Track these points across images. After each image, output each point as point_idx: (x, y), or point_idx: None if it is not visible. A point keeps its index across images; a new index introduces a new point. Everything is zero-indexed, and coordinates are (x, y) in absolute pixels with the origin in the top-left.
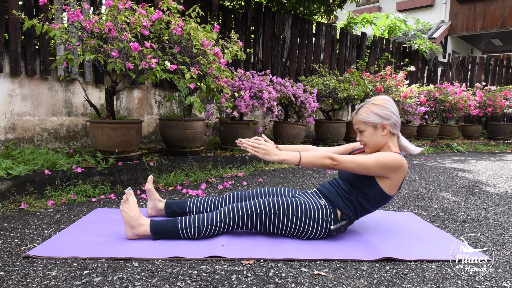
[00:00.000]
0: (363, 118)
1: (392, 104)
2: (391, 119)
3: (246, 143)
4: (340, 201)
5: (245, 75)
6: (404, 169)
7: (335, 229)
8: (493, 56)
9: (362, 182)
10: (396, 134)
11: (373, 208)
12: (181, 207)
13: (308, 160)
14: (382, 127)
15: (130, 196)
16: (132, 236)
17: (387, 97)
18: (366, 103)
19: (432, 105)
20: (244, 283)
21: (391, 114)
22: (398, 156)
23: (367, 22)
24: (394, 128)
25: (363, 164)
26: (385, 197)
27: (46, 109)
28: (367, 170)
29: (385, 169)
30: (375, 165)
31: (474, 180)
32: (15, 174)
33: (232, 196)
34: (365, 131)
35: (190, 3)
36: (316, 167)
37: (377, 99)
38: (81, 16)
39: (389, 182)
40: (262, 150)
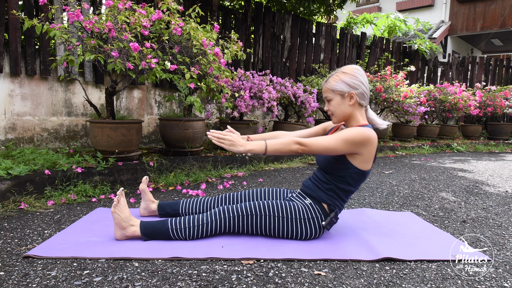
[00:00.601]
0: (331, 86)
1: (361, 74)
2: (359, 89)
3: (211, 135)
4: (322, 194)
5: (245, 75)
6: (373, 141)
7: (328, 223)
8: (493, 56)
9: (336, 166)
10: (365, 106)
11: (355, 187)
12: (174, 208)
13: (274, 147)
14: (350, 96)
15: (121, 198)
16: (121, 237)
17: (357, 67)
18: (336, 72)
19: (432, 105)
20: (244, 283)
21: (359, 84)
22: (365, 130)
23: (367, 22)
24: (361, 98)
25: (332, 144)
26: (362, 174)
27: (46, 109)
28: (336, 149)
29: (354, 145)
30: (344, 142)
31: (474, 180)
32: (15, 174)
33: (225, 197)
34: (332, 100)
35: (190, 3)
36: (284, 153)
37: (347, 68)
38: (81, 16)
39: (360, 158)
40: (227, 142)
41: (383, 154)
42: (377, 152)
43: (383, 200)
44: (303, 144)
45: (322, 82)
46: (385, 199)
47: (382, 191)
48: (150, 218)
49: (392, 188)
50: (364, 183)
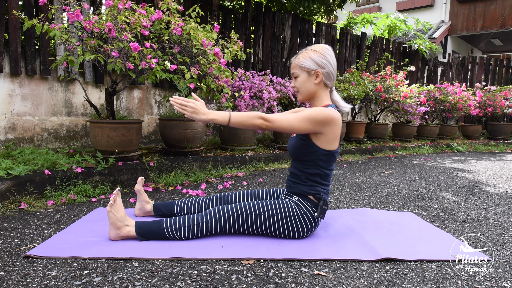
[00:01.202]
0: (299, 63)
1: (330, 54)
2: (326, 68)
3: (174, 101)
4: (303, 186)
5: (245, 75)
6: (337, 121)
7: (320, 213)
8: (493, 56)
9: (303, 150)
10: (330, 87)
11: (328, 169)
12: (169, 208)
13: (238, 119)
14: (316, 74)
15: (117, 198)
16: (115, 237)
17: (327, 46)
18: (307, 49)
19: (432, 105)
20: (244, 283)
21: (327, 63)
22: (328, 109)
23: (367, 22)
24: (327, 79)
25: (295, 121)
26: (330, 155)
27: (46, 109)
28: (300, 127)
29: (317, 124)
30: (307, 120)
31: (474, 180)
32: (15, 174)
33: (220, 198)
34: (299, 77)
35: (190, 3)
36: (248, 127)
37: (317, 46)
38: (81, 16)
39: (324, 138)
40: (190, 109)
41: (383, 154)
42: (376, 152)
43: (383, 200)
44: (267, 119)
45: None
46: (385, 199)
47: (382, 191)
48: (145, 218)
49: (392, 188)
50: (364, 183)
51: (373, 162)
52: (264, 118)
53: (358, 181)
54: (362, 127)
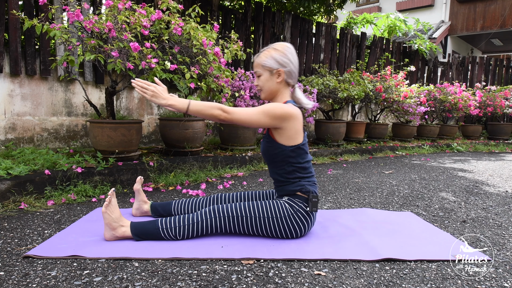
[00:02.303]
0: (261, 62)
1: (292, 52)
2: (288, 67)
3: (135, 83)
4: (287, 186)
5: (245, 75)
6: (295, 116)
7: (312, 206)
8: (493, 56)
9: (271, 152)
10: (292, 85)
11: (302, 162)
12: (166, 208)
13: (197, 108)
14: (278, 73)
15: (112, 198)
16: (110, 237)
17: (289, 45)
18: (268, 47)
19: (432, 105)
20: (244, 283)
21: (288, 62)
22: (286, 105)
23: (367, 22)
24: (289, 77)
25: (254, 115)
26: (298, 149)
27: (46, 109)
28: (259, 120)
29: (275, 118)
30: (265, 115)
31: (474, 180)
32: (15, 174)
33: (216, 198)
34: (261, 75)
35: (190, 3)
36: (206, 116)
37: (279, 45)
38: (81, 16)
39: (285, 134)
40: (150, 92)
41: (383, 154)
42: (376, 152)
43: (383, 200)
44: (225, 110)
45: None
46: (385, 199)
47: (382, 191)
48: (142, 218)
49: (392, 188)
50: (364, 183)
51: (373, 162)
52: (223, 109)
53: (358, 181)
54: (362, 127)
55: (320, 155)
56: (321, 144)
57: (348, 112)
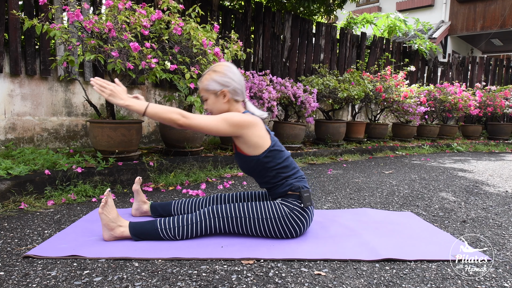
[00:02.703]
0: (204, 86)
1: (231, 70)
2: (231, 86)
3: (94, 81)
4: (277, 189)
5: (245, 75)
6: (254, 122)
7: (306, 201)
8: (493, 56)
9: (248, 165)
10: (241, 101)
11: (280, 162)
12: (166, 209)
13: (155, 110)
14: (223, 94)
15: (108, 199)
16: (109, 237)
17: (228, 64)
18: (208, 70)
19: (432, 105)
20: (244, 283)
21: (230, 81)
22: (244, 114)
23: (367, 22)
24: (235, 94)
25: (213, 122)
26: (269, 151)
27: (46, 109)
28: (218, 127)
29: (235, 126)
30: (225, 122)
31: (474, 180)
32: (15, 174)
33: (216, 198)
34: (208, 99)
35: (190, 3)
36: (164, 120)
37: (218, 66)
38: (81, 16)
39: (249, 142)
40: (108, 91)
41: (383, 154)
42: (376, 152)
43: (383, 200)
44: (185, 115)
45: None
46: (385, 199)
47: (382, 191)
48: (142, 218)
49: (392, 188)
50: (364, 183)
51: (373, 162)
52: (182, 114)
53: (358, 181)
54: (362, 127)
55: (320, 155)
56: (321, 144)
57: (348, 112)
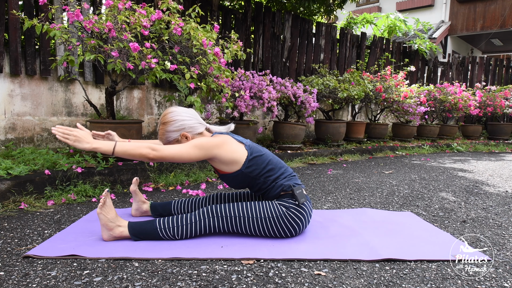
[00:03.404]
0: (165, 140)
1: (178, 113)
2: (185, 127)
3: (56, 130)
4: (270, 193)
5: (245, 75)
6: (223, 141)
7: (300, 198)
8: (493, 56)
9: (235, 182)
10: (203, 129)
11: (264, 166)
12: (166, 208)
13: (124, 149)
14: (184, 137)
15: (107, 199)
16: (108, 238)
17: (170, 109)
18: (159, 125)
19: (432, 105)
20: (244, 283)
21: (182, 123)
22: (211, 137)
23: (367, 22)
24: (194, 130)
25: (183, 150)
26: (249, 161)
27: (46, 109)
28: (190, 154)
29: (205, 149)
30: (195, 147)
31: (474, 180)
32: (15, 174)
33: (216, 197)
34: None
35: (190, 3)
36: (134, 157)
37: (165, 117)
38: (81, 16)
39: (225, 160)
40: (72, 137)
41: (383, 154)
42: (376, 152)
43: (383, 200)
44: (155, 149)
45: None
46: (385, 199)
47: (382, 191)
48: (142, 218)
49: (392, 188)
50: (364, 183)
51: (373, 162)
52: (152, 148)
53: (358, 181)
54: (362, 127)
55: (320, 155)
56: (321, 144)
57: (348, 112)
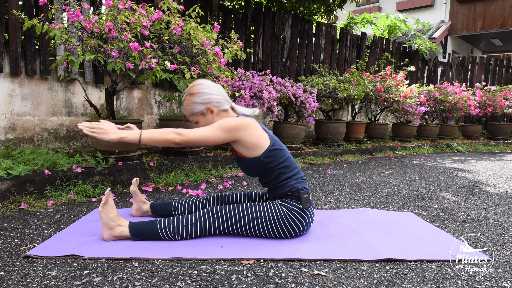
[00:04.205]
0: (189, 111)
1: (206, 86)
2: (212, 101)
3: (83, 126)
4: (277, 190)
5: (245, 75)
6: (248, 123)
7: (305, 203)
8: (493, 56)
9: (250, 168)
10: (229, 108)
11: (282, 161)
12: (166, 208)
13: (150, 136)
14: (209, 110)
15: (109, 198)
16: (109, 237)
17: (200, 82)
18: (185, 95)
19: (432, 105)
20: (244, 283)
21: (209, 96)
22: (237, 118)
23: (367, 22)
24: (220, 105)
25: (208, 132)
26: (271, 151)
27: (46, 109)
28: (215, 136)
29: (230, 131)
30: (219, 129)
31: (474, 180)
32: (15, 174)
33: (216, 197)
34: (198, 121)
35: (190, 3)
36: (161, 143)
37: (192, 88)
38: (81, 16)
39: (247, 144)
40: (99, 130)
41: (383, 154)
42: (376, 152)
43: (383, 200)
44: (180, 133)
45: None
46: (385, 199)
47: (382, 191)
48: (142, 218)
49: (392, 188)
50: (364, 183)
51: (373, 162)
52: (177, 132)
53: (358, 181)
54: (362, 127)
55: (320, 155)
56: (321, 144)
57: (348, 112)
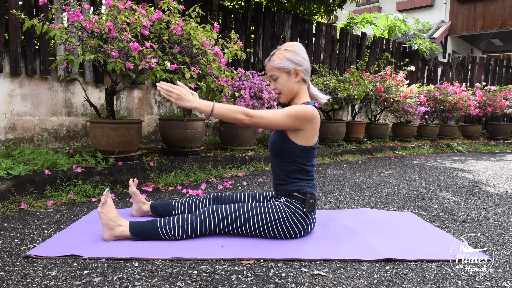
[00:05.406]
0: (276, 64)
1: (303, 50)
2: (303, 65)
3: (161, 86)
4: (286, 186)
5: (245, 75)
6: (317, 117)
7: (309, 207)
8: (493, 56)
9: (281, 147)
10: (307, 82)
11: (307, 165)
12: (166, 208)
13: (221, 111)
14: (296, 73)
15: (108, 198)
16: (109, 237)
17: (298, 44)
18: (279, 49)
19: (432, 105)
20: (244, 283)
21: (303, 60)
22: (309, 107)
23: (367, 22)
24: (306, 74)
25: (277, 116)
26: (307, 150)
27: (46, 109)
28: (282, 122)
29: (299, 120)
30: (289, 117)
31: (474, 180)
32: (15, 174)
33: (216, 197)
34: (279, 78)
35: (190, 3)
36: (230, 119)
37: (289, 45)
38: (81, 16)
39: (303, 134)
40: (175, 95)
41: (383, 154)
42: (376, 152)
43: (383, 200)
44: (248, 114)
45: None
46: (385, 199)
47: (382, 191)
48: (142, 218)
49: (392, 188)
50: (364, 183)
51: (373, 162)
52: (246, 113)
53: (358, 181)
54: (362, 127)
55: (320, 155)
56: (321, 144)
57: (348, 112)
